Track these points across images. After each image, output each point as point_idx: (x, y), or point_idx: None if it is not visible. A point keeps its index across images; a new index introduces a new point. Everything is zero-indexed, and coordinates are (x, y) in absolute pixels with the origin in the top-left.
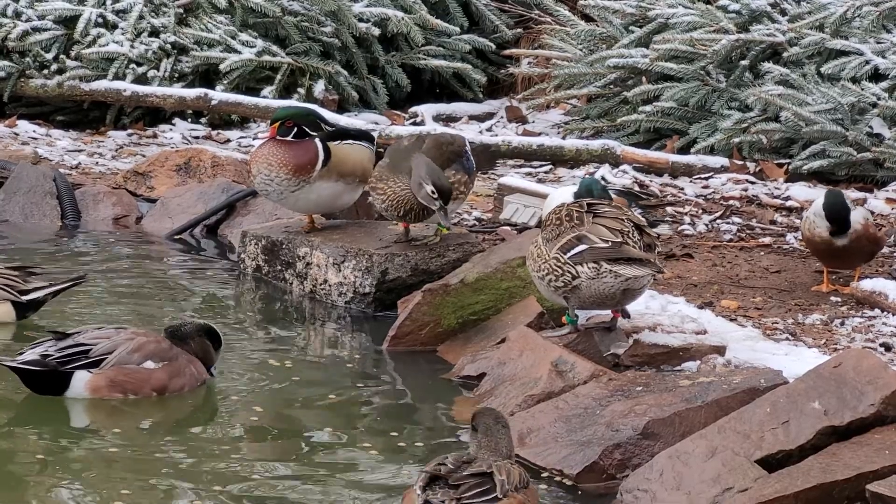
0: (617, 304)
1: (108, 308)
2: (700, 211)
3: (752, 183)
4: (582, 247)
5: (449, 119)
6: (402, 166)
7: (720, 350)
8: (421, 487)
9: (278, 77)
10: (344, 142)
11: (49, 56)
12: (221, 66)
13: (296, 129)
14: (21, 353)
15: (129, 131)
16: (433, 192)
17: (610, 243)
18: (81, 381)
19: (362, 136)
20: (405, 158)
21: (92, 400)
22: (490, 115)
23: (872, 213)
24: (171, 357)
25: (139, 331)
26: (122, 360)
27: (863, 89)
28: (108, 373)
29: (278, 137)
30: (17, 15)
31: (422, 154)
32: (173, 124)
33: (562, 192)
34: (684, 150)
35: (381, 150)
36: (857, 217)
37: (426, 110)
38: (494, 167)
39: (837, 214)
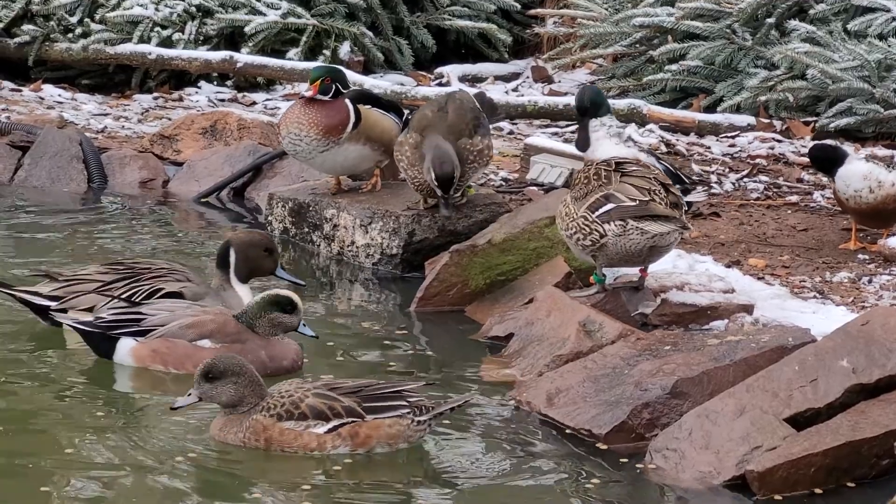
0: (644, 261)
1: None
2: (727, 169)
3: (779, 141)
4: (609, 205)
5: (475, 79)
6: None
7: (748, 309)
8: None
9: (304, 39)
10: (375, 108)
11: (73, 20)
12: (247, 29)
13: (334, 88)
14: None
15: (155, 94)
16: (434, 181)
17: (637, 201)
18: (126, 348)
19: (392, 108)
20: (432, 140)
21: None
22: (516, 76)
23: None
24: (237, 340)
25: (213, 310)
26: (172, 334)
27: (889, 46)
28: (153, 343)
29: (319, 95)
30: None
31: (436, 135)
32: (199, 87)
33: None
34: (710, 108)
35: (408, 110)
36: None
37: (452, 71)
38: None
39: None
